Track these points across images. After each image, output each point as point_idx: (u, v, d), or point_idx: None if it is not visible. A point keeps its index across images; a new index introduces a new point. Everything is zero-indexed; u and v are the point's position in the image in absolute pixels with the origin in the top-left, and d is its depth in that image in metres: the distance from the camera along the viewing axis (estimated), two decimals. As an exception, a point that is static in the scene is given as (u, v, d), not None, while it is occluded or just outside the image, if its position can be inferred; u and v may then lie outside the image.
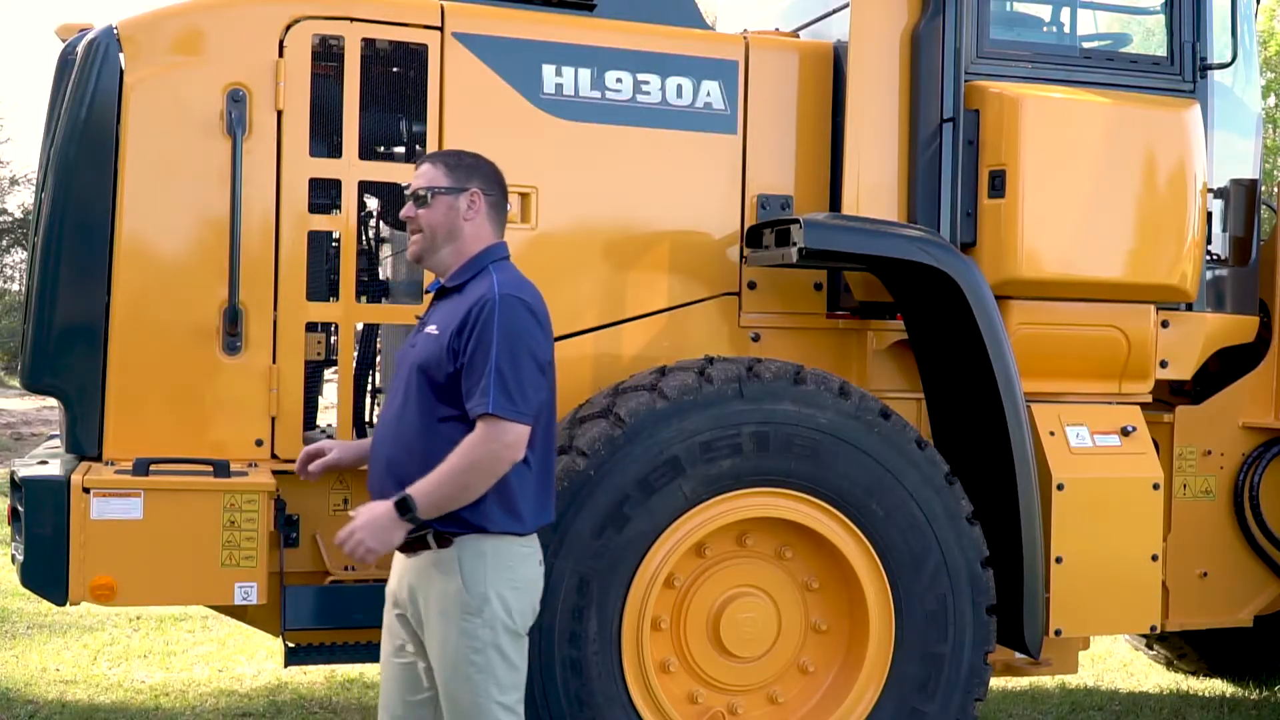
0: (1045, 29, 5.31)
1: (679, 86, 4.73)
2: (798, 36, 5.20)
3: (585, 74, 4.62)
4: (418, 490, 3.25)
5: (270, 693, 6.20)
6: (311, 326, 4.42)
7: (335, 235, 4.55)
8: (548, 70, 4.59)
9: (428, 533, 3.34)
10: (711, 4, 6.66)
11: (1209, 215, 5.13)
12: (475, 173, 3.53)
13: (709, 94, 4.76)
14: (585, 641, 4.06)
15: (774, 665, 4.42)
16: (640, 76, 4.69)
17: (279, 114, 4.31)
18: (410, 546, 3.39)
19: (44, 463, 4.28)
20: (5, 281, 26.87)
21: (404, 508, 3.24)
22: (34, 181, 5.43)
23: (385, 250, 5.15)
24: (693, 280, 4.79)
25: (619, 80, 4.66)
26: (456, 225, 3.48)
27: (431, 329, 3.44)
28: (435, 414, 3.36)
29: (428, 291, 3.67)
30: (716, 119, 4.78)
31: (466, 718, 3.37)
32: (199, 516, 3.96)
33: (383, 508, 3.27)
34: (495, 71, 4.53)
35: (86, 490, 3.91)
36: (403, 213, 3.54)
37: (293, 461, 4.33)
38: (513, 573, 3.36)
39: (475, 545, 3.34)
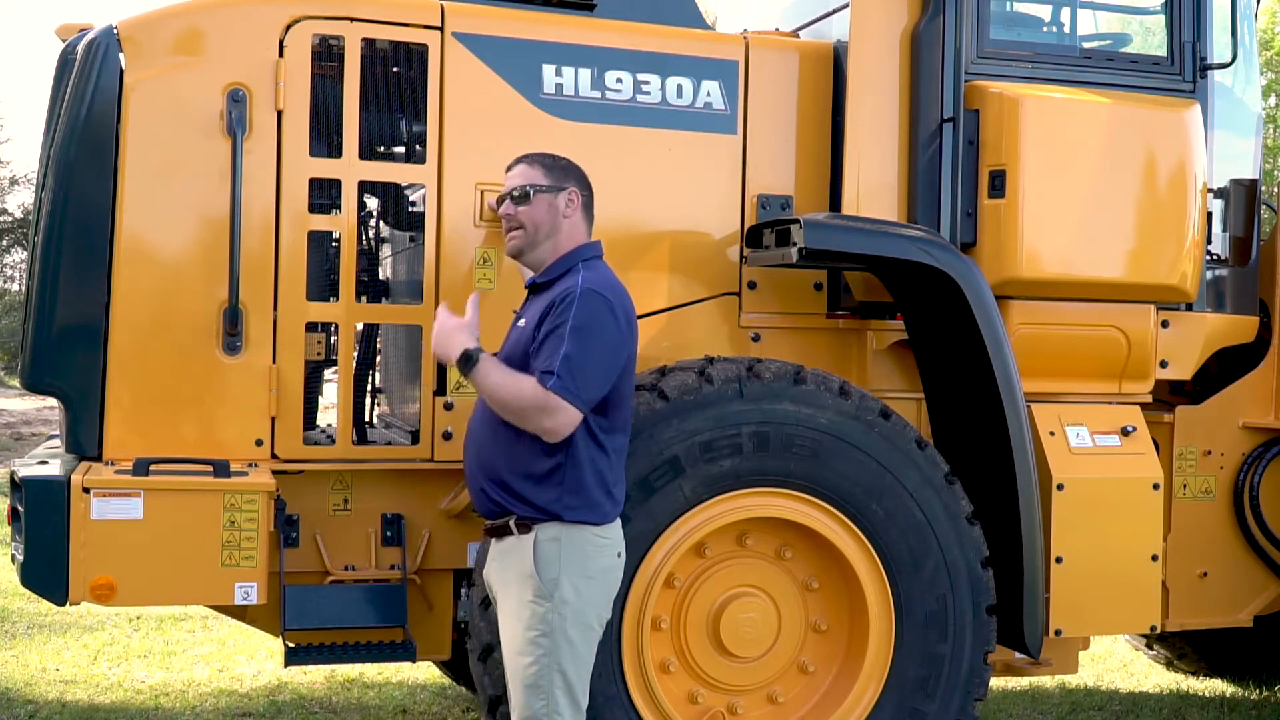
0: (1045, 29, 5.31)
1: (679, 86, 4.73)
2: (798, 36, 5.20)
3: (585, 74, 4.62)
4: (486, 365, 3.49)
5: (270, 693, 6.20)
6: (311, 326, 4.42)
7: (335, 235, 4.55)
8: (548, 70, 4.59)
9: (510, 518, 3.52)
10: (711, 4, 6.67)
11: (1209, 215, 5.13)
12: (571, 173, 3.74)
13: (709, 94, 4.76)
14: (585, 641, 4.06)
15: (774, 665, 4.42)
16: (640, 76, 4.69)
17: (279, 114, 4.31)
18: (496, 531, 3.58)
19: (44, 463, 4.28)
20: (5, 281, 26.86)
21: (467, 361, 3.51)
22: (34, 181, 5.43)
23: (385, 250, 5.15)
24: (693, 280, 4.79)
25: (619, 80, 4.66)
26: (556, 222, 3.70)
27: (521, 322, 3.65)
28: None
29: (526, 286, 3.81)
30: (716, 119, 4.78)
31: (527, 706, 3.46)
32: (199, 516, 3.96)
33: (456, 341, 3.54)
34: (495, 71, 4.53)
35: (86, 490, 3.90)
36: (501, 210, 3.74)
37: (293, 462, 4.35)
38: (586, 561, 3.50)
39: (550, 532, 3.49)
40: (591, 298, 3.47)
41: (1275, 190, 7.42)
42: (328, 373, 4.76)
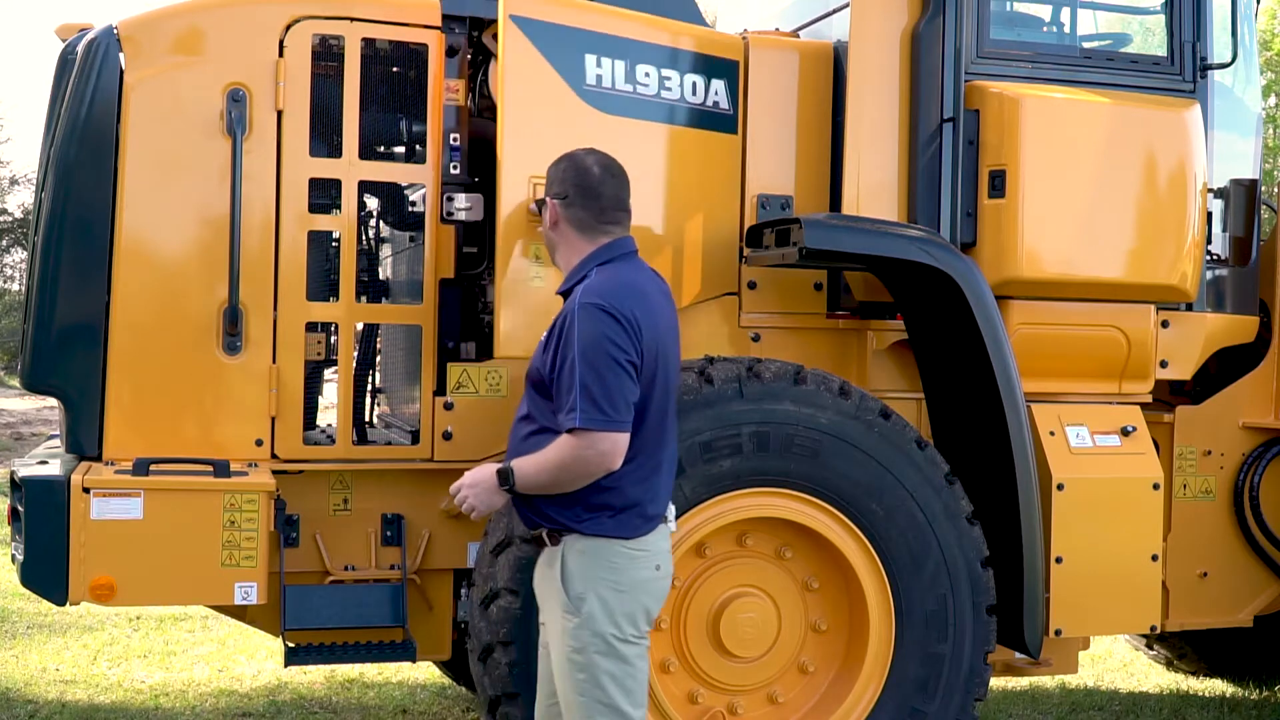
0: (1045, 29, 5.31)
1: (694, 84, 4.70)
2: (798, 36, 5.20)
3: (620, 67, 4.55)
4: (518, 466, 3.37)
5: (270, 693, 6.20)
6: (311, 326, 4.42)
7: (335, 235, 4.55)
8: (590, 61, 4.53)
9: (542, 530, 3.44)
10: (711, 4, 6.66)
11: (1209, 215, 5.13)
12: (553, 183, 3.57)
13: (716, 93, 4.75)
14: (585, 641, 4.05)
15: (774, 665, 4.42)
16: (664, 72, 4.65)
17: (279, 114, 4.31)
18: (534, 541, 3.51)
19: (44, 463, 4.28)
20: (5, 281, 26.83)
21: (504, 478, 3.38)
22: (34, 181, 5.44)
23: (385, 250, 5.15)
24: (692, 280, 4.78)
25: (647, 75, 4.63)
26: (548, 238, 3.60)
27: (543, 336, 3.50)
28: (537, 422, 3.43)
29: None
30: (722, 118, 4.76)
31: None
32: (199, 516, 3.96)
33: (487, 472, 3.41)
34: (547, 60, 4.45)
35: (86, 490, 3.91)
36: None
37: (293, 462, 4.35)
38: (616, 575, 3.36)
39: (575, 544, 3.38)
40: (586, 313, 3.29)
41: (1275, 190, 7.42)
42: (328, 373, 4.76)
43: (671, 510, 3.57)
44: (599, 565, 3.36)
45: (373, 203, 4.80)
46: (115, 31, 4.24)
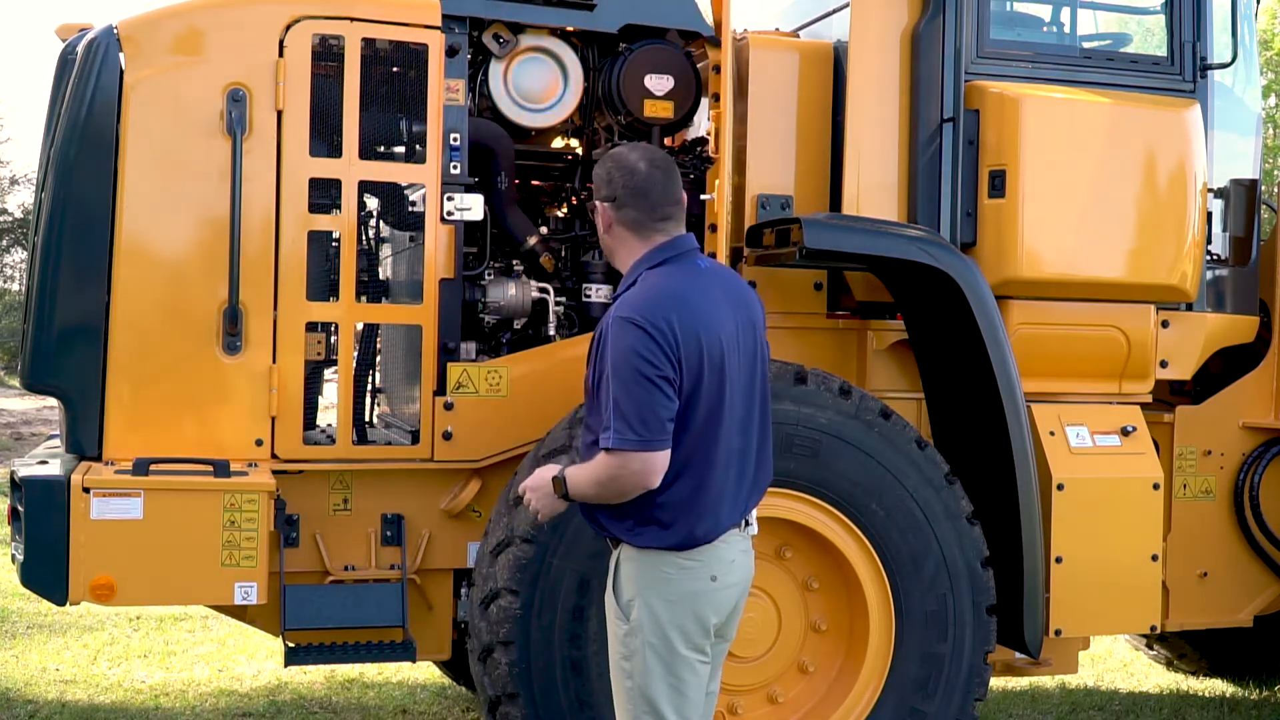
0: (1045, 29, 5.31)
1: None
2: (798, 36, 5.20)
3: None
4: (570, 476, 3.31)
5: (270, 693, 6.20)
6: (311, 326, 4.42)
7: (335, 235, 4.55)
8: None
9: (605, 536, 3.40)
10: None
11: (1209, 215, 5.13)
12: (599, 184, 3.43)
13: None
14: (586, 641, 4.06)
15: (774, 665, 4.42)
16: None
17: (279, 114, 4.31)
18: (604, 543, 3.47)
19: (44, 463, 4.28)
20: (5, 281, 26.79)
21: (557, 485, 3.33)
22: (34, 181, 5.44)
23: (385, 250, 5.15)
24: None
25: None
26: (605, 243, 3.48)
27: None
28: (594, 432, 3.33)
29: None
30: None
31: None
32: (199, 516, 3.96)
33: (547, 476, 3.36)
34: None
35: (86, 490, 3.91)
36: None
37: (293, 462, 4.35)
38: (666, 585, 3.28)
39: (628, 553, 3.34)
40: (618, 326, 3.18)
41: (1275, 190, 7.42)
42: (328, 373, 4.76)
43: (753, 515, 3.47)
44: (649, 575, 3.29)
45: (373, 203, 4.79)
46: (115, 31, 4.24)
